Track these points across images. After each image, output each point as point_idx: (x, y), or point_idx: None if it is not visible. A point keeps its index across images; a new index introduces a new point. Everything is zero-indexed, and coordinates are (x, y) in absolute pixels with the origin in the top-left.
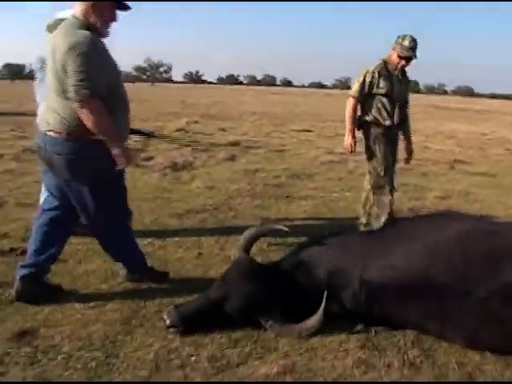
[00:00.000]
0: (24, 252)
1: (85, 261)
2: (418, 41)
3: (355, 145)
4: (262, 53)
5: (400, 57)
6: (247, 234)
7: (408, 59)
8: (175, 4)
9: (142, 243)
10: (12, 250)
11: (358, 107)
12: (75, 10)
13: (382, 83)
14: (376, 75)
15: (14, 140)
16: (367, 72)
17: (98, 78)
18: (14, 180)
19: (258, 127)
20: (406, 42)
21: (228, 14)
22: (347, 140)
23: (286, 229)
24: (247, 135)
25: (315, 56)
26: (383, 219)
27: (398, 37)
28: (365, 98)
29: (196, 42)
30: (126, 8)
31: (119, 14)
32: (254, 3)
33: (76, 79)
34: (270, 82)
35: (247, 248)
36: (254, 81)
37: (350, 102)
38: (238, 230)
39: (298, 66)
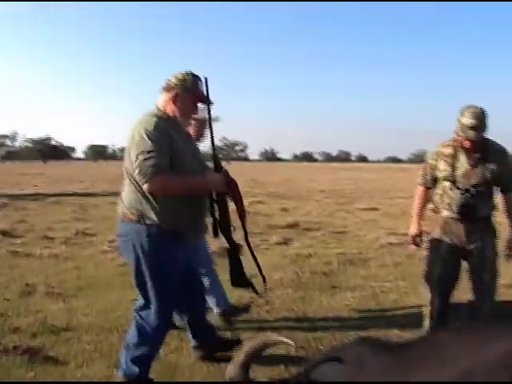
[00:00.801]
0: (28, 350)
1: (87, 364)
2: (487, 112)
3: (420, 237)
4: (338, 129)
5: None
6: (249, 347)
7: (471, 140)
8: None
9: None
10: (15, 348)
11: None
12: (158, 100)
13: (442, 165)
14: (437, 156)
15: (72, 222)
16: (431, 153)
17: (161, 156)
18: (55, 266)
19: (323, 206)
20: (465, 119)
21: (304, 93)
22: (410, 231)
23: (293, 343)
24: (309, 215)
25: (391, 130)
26: (426, 323)
27: (460, 110)
28: (432, 182)
29: (272, 120)
30: (208, 102)
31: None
32: (325, 83)
33: (139, 159)
34: (344, 158)
35: (247, 365)
36: (328, 157)
37: (417, 189)
38: (266, 329)
39: (374, 140)
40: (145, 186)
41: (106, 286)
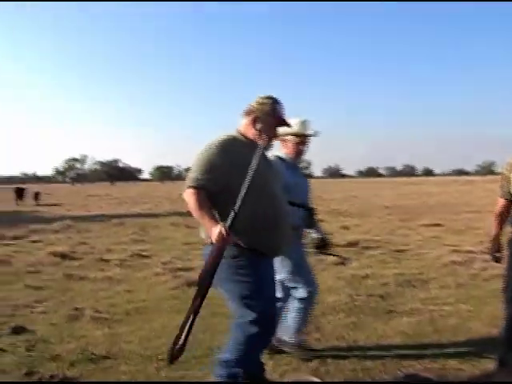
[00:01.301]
0: (64, 380)
1: None
2: None
3: (499, 252)
4: (402, 143)
5: None
6: None
7: None
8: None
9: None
10: (51, 377)
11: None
12: (240, 124)
13: None
14: (511, 167)
15: (130, 244)
16: (506, 164)
17: (203, 170)
18: (107, 289)
19: (385, 223)
20: None
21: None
22: (490, 248)
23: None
24: (369, 233)
25: (456, 141)
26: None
27: None
28: (509, 195)
29: (335, 135)
30: (286, 125)
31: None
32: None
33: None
34: (410, 172)
35: None
36: (393, 172)
37: (497, 201)
38: (312, 359)
39: (440, 153)
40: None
41: (155, 311)
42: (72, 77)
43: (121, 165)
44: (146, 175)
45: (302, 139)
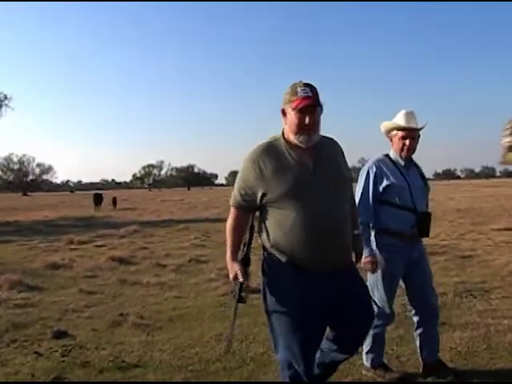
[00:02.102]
0: None
1: None
2: None
3: None
4: (480, 144)
5: None
6: None
7: None
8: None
9: None
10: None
11: None
12: None
13: None
14: None
15: (190, 249)
16: None
17: (238, 188)
18: (157, 295)
19: (455, 227)
20: None
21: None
22: None
23: None
24: (437, 238)
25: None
26: None
27: None
28: None
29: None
30: (306, 107)
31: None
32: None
33: None
34: (488, 173)
35: None
36: (471, 174)
37: None
38: (354, 374)
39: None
40: None
41: (197, 318)
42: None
43: (196, 170)
44: (222, 180)
45: (406, 133)
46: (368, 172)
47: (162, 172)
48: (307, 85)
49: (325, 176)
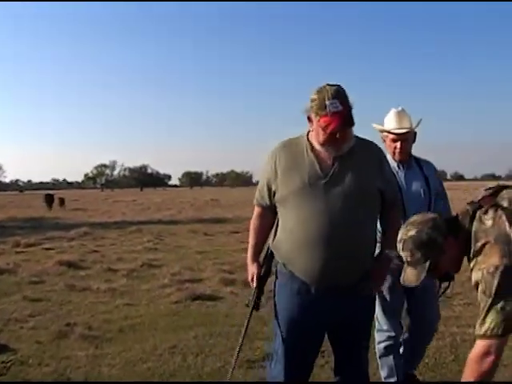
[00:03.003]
0: None
1: None
2: None
3: None
4: (428, 145)
5: None
6: None
7: None
8: None
9: None
10: None
11: None
12: None
13: None
14: None
15: (143, 253)
16: None
17: (260, 184)
18: (107, 302)
19: None
20: None
21: None
22: None
23: None
24: None
25: (488, 144)
26: None
27: None
28: None
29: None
30: (336, 127)
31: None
32: None
33: None
34: (440, 176)
35: None
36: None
37: None
38: None
39: (471, 156)
40: None
41: (149, 328)
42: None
43: (149, 171)
44: (175, 181)
45: (397, 136)
46: None
47: (115, 172)
48: (336, 94)
49: (342, 184)
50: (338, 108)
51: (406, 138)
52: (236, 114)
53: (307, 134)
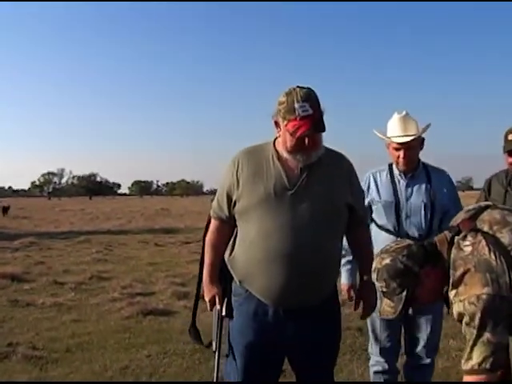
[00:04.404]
0: None
1: None
2: None
3: None
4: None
5: None
6: None
7: None
8: None
9: None
10: None
11: None
12: None
13: None
14: None
15: (91, 264)
16: None
17: (217, 194)
18: (53, 318)
19: None
20: None
21: None
22: None
23: None
24: None
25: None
26: None
27: None
28: None
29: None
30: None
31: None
32: None
33: None
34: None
35: None
36: None
37: None
38: None
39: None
40: None
41: (99, 347)
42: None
43: (98, 179)
44: (125, 190)
45: (399, 145)
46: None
47: (63, 180)
48: (307, 97)
49: (310, 196)
50: (308, 112)
51: (411, 146)
52: (186, 124)
53: (273, 142)
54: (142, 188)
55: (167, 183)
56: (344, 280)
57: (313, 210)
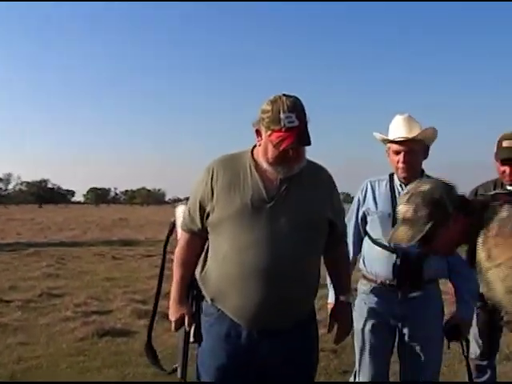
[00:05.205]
0: None
1: None
2: None
3: None
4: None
5: None
6: None
7: None
8: None
9: None
10: None
11: None
12: None
13: None
14: None
15: (42, 280)
16: None
17: (189, 205)
18: None
19: None
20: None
21: None
22: None
23: None
24: None
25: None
26: None
27: None
28: None
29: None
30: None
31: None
32: None
33: None
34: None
35: None
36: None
37: None
38: None
39: None
40: None
41: (49, 373)
42: None
43: (50, 185)
44: (79, 197)
45: (399, 146)
46: (356, 196)
47: (10, 186)
48: (293, 107)
49: (289, 209)
50: (293, 123)
51: (413, 150)
52: (149, 127)
53: (251, 150)
54: (99, 196)
55: (126, 191)
56: (331, 299)
57: (292, 224)
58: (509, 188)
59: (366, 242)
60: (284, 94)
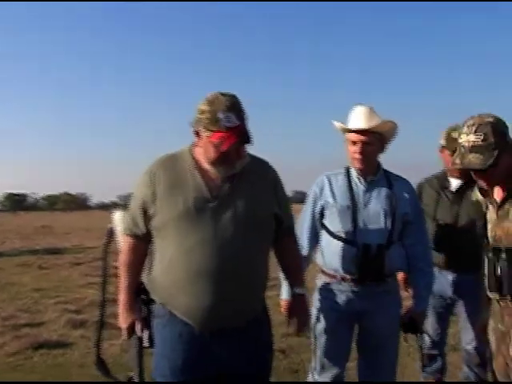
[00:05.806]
0: None
1: None
2: None
3: None
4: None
5: None
6: None
7: None
8: None
9: None
10: None
11: None
12: None
13: None
14: None
15: None
16: None
17: (131, 209)
18: None
19: None
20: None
21: None
22: None
23: None
24: None
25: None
26: None
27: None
28: None
29: None
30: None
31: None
32: None
33: None
34: (302, 198)
35: None
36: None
37: None
38: None
39: None
40: None
41: None
42: None
43: None
44: None
45: (356, 136)
46: (311, 190)
47: None
48: (232, 106)
49: (233, 208)
50: (233, 123)
51: (369, 141)
52: (69, 129)
53: (190, 149)
54: (16, 202)
55: (48, 196)
56: (284, 295)
57: (237, 222)
58: (453, 181)
59: (325, 236)
60: (221, 93)
